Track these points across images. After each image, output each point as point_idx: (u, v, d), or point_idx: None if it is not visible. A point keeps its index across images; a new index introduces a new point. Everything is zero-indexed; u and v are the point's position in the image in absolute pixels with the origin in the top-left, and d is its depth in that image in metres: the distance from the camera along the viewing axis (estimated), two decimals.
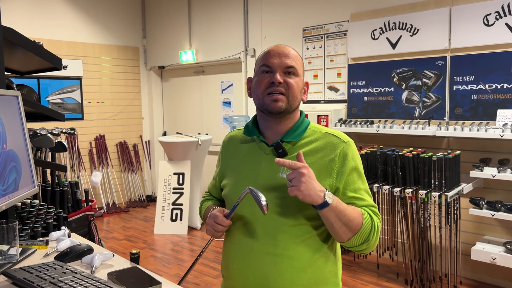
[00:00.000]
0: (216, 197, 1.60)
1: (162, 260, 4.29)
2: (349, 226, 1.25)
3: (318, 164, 1.31)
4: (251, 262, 1.33)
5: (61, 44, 5.77)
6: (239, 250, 1.37)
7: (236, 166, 1.45)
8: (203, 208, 1.59)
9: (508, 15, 3.31)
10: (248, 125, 1.45)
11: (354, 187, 1.32)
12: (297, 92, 1.34)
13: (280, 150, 1.34)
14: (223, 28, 5.65)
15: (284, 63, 1.32)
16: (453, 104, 3.65)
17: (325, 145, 1.34)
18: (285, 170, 1.32)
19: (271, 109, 1.32)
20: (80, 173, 5.95)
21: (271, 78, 1.32)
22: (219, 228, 1.34)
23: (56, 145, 2.44)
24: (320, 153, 1.33)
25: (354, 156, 1.35)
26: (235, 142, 1.50)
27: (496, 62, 3.40)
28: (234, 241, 1.40)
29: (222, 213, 1.35)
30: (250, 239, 1.34)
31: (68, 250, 1.47)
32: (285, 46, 1.37)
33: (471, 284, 3.57)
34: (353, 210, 1.27)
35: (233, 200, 1.38)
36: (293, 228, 1.30)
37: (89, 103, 6.12)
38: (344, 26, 4.40)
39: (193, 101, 6.42)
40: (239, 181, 1.40)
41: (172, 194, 5.13)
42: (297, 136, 1.36)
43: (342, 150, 1.32)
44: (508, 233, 3.44)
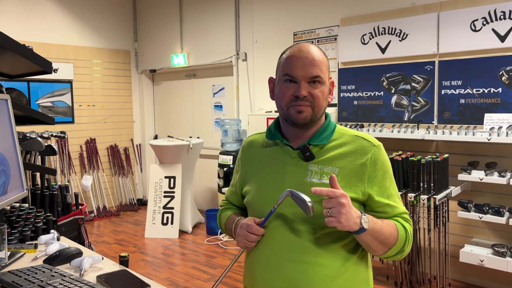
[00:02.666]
0: (236, 205, 1.53)
1: (153, 264, 4.28)
2: (385, 244, 1.22)
3: (349, 168, 1.26)
4: (278, 271, 1.26)
5: (51, 47, 5.75)
6: (265, 259, 1.29)
7: (259, 171, 1.37)
8: (223, 217, 1.51)
9: (495, 21, 3.37)
10: (270, 129, 1.38)
11: (387, 193, 1.28)
12: (323, 101, 1.28)
13: (308, 153, 1.27)
14: (214, 32, 5.67)
15: (309, 74, 1.24)
16: (441, 108, 3.69)
17: (355, 148, 1.28)
18: (314, 174, 1.27)
19: (295, 121, 1.27)
20: (70, 176, 5.92)
21: (295, 91, 1.24)
22: (253, 238, 1.28)
23: (46, 148, 2.44)
24: (351, 157, 1.27)
25: (385, 161, 1.30)
26: (256, 147, 1.43)
27: (483, 67, 3.45)
28: (260, 249, 1.31)
29: (254, 222, 1.28)
30: (277, 246, 1.27)
31: (57, 253, 1.47)
32: (309, 49, 1.26)
33: (460, 286, 3.61)
34: (388, 227, 1.22)
35: (257, 207, 1.33)
36: (324, 235, 1.24)
37: (80, 106, 6.09)
38: (334, 31, 4.44)
39: (184, 104, 6.42)
40: (263, 187, 1.33)
41: (163, 197, 5.12)
42: (324, 138, 1.30)
43: (373, 154, 1.27)
44: (495, 235, 3.48)
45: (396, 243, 1.23)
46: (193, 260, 4.33)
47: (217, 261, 4.28)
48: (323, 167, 1.26)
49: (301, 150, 1.29)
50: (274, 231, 1.28)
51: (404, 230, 1.25)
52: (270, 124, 1.40)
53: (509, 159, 3.35)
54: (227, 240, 4.89)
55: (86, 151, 6.16)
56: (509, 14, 3.30)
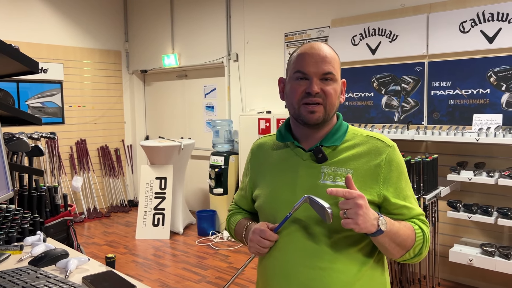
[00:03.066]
0: (245, 209, 1.49)
1: (144, 265, 4.26)
2: (403, 246, 1.19)
3: (363, 169, 1.22)
4: (294, 278, 1.22)
5: (41, 48, 5.70)
6: (280, 265, 1.25)
7: (270, 174, 1.33)
8: (232, 222, 1.47)
9: (483, 23, 3.40)
10: (280, 131, 1.35)
11: (403, 194, 1.24)
12: (335, 100, 1.24)
13: (320, 154, 1.24)
14: (205, 33, 5.66)
15: (321, 70, 1.20)
16: (431, 108, 3.72)
17: (370, 149, 1.25)
18: (327, 176, 1.23)
19: (307, 121, 1.23)
20: (60, 178, 5.87)
21: (307, 87, 1.21)
22: (266, 244, 1.24)
23: (33, 149, 2.41)
24: (365, 158, 1.24)
25: (400, 161, 1.27)
26: (266, 149, 1.39)
27: (472, 68, 3.48)
28: (273, 255, 1.27)
29: (267, 227, 1.25)
30: (292, 252, 1.23)
31: (43, 254, 1.46)
32: (320, 47, 1.23)
33: (449, 286, 3.63)
34: (405, 229, 1.19)
35: (269, 212, 1.30)
36: (340, 239, 1.21)
37: (70, 107, 6.05)
38: (325, 32, 4.45)
39: (176, 105, 6.40)
40: (275, 190, 1.30)
41: (154, 198, 5.10)
42: (337, 140, 1.26)
43: (388, 155, 1.24)
44: (484, 235, 3.51)
45: (413, 245, 1.20)
46: (184, 261, 4.32)
47: (208, 262, 4.27)
48: (336, 169, 1.23)
49: (313, 151, 1.25)
50: (288, 236, 1.24)
51: (422, 232, 1.23)
52: (280, 126, 1.36)
53: (497, 159, 3.39)
54: (218, 241, 4.89)
55: (77, 152, 6.12)
56: (497, 15, 3.33)
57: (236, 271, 4.01)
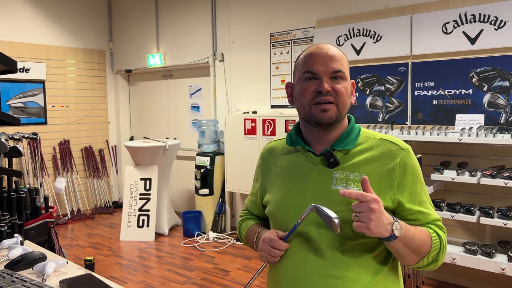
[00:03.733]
0: (256, 215, 1.46)
1: (128, 267, 4.21)
2: (418, 252, 1.15)
3: (377, 174, 1.18)
4: (307, 286, 1.19)
5: (23, 47, 5.61)
6: (292, 274, 1.21)
7: (280, 179, 1.30)
8: (243, 228, 1.44)
9: (466, 24, 3.44)
10: (290, 135, 1.32)
11: (419, 199, 1.20)
12: (347, 98, 1.20)
13: (332, 159, 1.20)
14: (191, 32, 5.63)
15: (330, 68, 1.18)
16: (414, 109, 3.75)
17: (383, 153, 1.21)
18: (339, 181, 1.19)
19: (320, 121, 1.19)
20: (43, 179, 5.78)
21: (317, 86, 1.17)
22: (276, 253, 1.21)
23: (11, 150, 2.36)
24: (378, 162, 1.20)
25: (415, 165, 1.22)
26: (276, 154, 1.36)
27: (455, 69, 3.52)
28: (285, 263, 1.23)
29: (277, 236, 1.21)
30: (305, 260, 1.19)
31: (20, 258, 1.43)
32: (328, 46, 1.22)
33: (433, 284, 3.66)
34: (421, 234, 1.15)
35: (280, 218, 1.27)
36: (353, 247, 1.17)
37: (53, 107, 5.96)
38: (310, 32, 4.46)
39: (161, 105, 6.35)
40: (286, 196, 1.26)
41: (138, 200, 5.05)
42: (349, 143, 1.22)
43: (402, 158, 1.20)
44: (467, 233, 3.55)
45: (429, 251, 1.16)
46: (169, 263, 4.28)
47: (193, 264, 4.24)
48: (349, 174, 1.19)
49: (325, 156, 1.21)
50: (300, 244, 1.21)
51: (439, 238, 1.19)
52: (290, 130, 1.33)
53: (480, 159, 3.43)
54: (204, 242, 4.86)
55: (60, 152, 6.03)
56: (479, 17, 3.37)
57: (221, 272, 4.00)
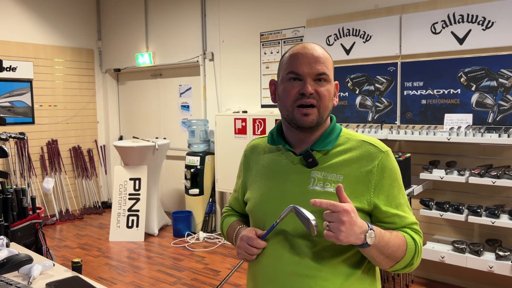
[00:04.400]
0: (239, 211, 1.48)
1: (117, 268, 4.18)
2: (392, 258, 1.16)
3: (354, 175, 1.19)
4: (282, 285, 1.21)
5: (9, 45, 5.53)
6: (268, 272, 1.24)
7: (261, 178, 1.31)
8: (225, 224, 1.46)
9: (454, 24, 3.47)
10: (272, 133, 1.32)
11: (396, 203, 1.20)
12: (329, 101, 1.21)
13: (310, 159, 1.20)
14: (180, 31, 5.60)
15: (315, 70, 1.17)
16: (404, 108, 3.77)
17: (362, 154, 1.21)
18: (317, 181, 1.20)
19: (301, 125, 1.20)
20: (30, 179, 5.71)
21: (301, 88, 1.17)
22: (253, 251, 1.22)
23: None
24: (357, 164, 1.20)
25: (394, 167, 1.22)
26: (258, 152, 1.37)
27: (443, 69, 3.54)
28: (262, 261, 1.26)
29: (255, 234, 1.23)
30: (280, 259, 1.21)
31: (5, 260, 1.40)
32: (314, 47, 1.21)
33: (422, 282, 3.69)
34: (396, 239, 1.15)
35: (258, 216, 1.28)
36: (328, 248, 1.18)
37: (41, 106, 5.88)
38: (300, 32, 4.46)
39: (150, 104, 6.31)
40: (265, 194, 1.28)
41: (128, 200, 5.01)
42: (329, 144, 1.23)
43: (381, 161, 1.19)
44: (455, 232, 3.58)
45: (404, 256, 1.17)
46: (159, 263, 4.26)
47: (183, 264, 4.22)
48: (326, 175, 1.20)
49: (304, 156, 1.22)
50: (277, 243, 1.23)
51: (414, 243, 1.19)
52: (272, 129, 1.33)
53: (468, 158, 3.46)
54: (194, 242, 4.84)
55: (48, 152, 5.96)
56: (467, 17, 3.40)
57: (212, 272, 3.98)
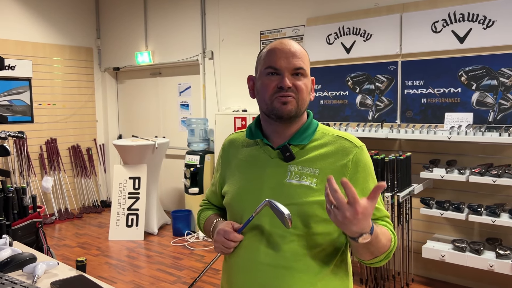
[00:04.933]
0: (216, 205, 1.49)
1: (117, 267, 4.17)
2: (374, 254, 1.18)
3: (330, 169, 1.22)
4: (257, 276, 1.23)
5: (8, 44, 5.51)
6: (244, 263, 1.27)
7: (239, 171, 1.33)
8: (202, 218, 1.47)
9: (454, 23, 3.47)
10: (250, 127, 1.35)
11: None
12: (306, 95, 1.24)
13: (287, 153, 1.23)
14: (180, 30, 5.59)
15: (292, 65, 1.20)
16: (404, 107, 3.77)
17: (337, 149, 1.25)
18: (293, 175, 1.23)
19: (281, 114, 1.22)
20: (29, 178, 5.69)
21: (279, 82, 1.20)
22: (230, 245, 1.24)
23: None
24: (332, 158, 1.23)
25: (368, 162, 1.27)
26: (237, 146, 1.39)
27: (444, 68, 3.55)
28: (238, 253, 1.28)
29: (231, 228, 1.25)
30: (256, 251, 1.24)
31: (9, 259, 1.39)
32: (291, 43, 1.24)
33: (423, 281, 3.70)
34: (384, 241, 1.17)
35: (236, 209, 1.31)
36: (302, 239, 1.21)
37: (40, 105, 5.86)
38: (300, 31, 4.46)
39: (149, 103, 6.30)
40: (242, 188, 1.30)
41: (127, 199, 5.00)
42: (305, 138, 1.26)
43: (355, 155, 1.24)
44: (456, 231, 3.59)
45: (384, 253, 1.20)
46: (159, 262, 4.25)
47: (183, 263, 4.22)
48: (303, 168, 1.23)
49: (281, 150, 1.25)
50: (253, 236, 1.25)
51: (393, 236, 1.23)
52: (251, 123, 1.36)
53: (468, 157, 3.46)
54: (194, 241, 4.83)
55: (47, 151, 5.94)
56: (467, 16, 3.40)
57: (212, 271, 3.98)
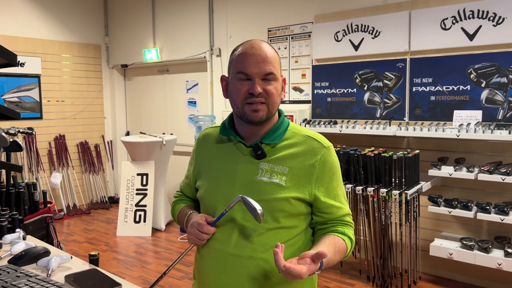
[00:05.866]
0: (190, 197, 1.54)
1: (125, 262, 4.20)
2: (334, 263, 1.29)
3: (299, 168, 1.29)
4: (227, 265, 1.30)
5: (18, 41, 5.55)
6: (215, 253, 1.33)
7: (212, 166, 1.39)
8: (176, 209, 1.52)
9: (464, 20, 3.45)
10: (224, 124, 1.39)
11: (334, 194, 1.33)
12: (277, 98, 1.29)
13: (259, 151, 1.29)
14: (188, 27, 5.60)
15: (262, 70, 1.25)
16: (412, 105, 3.76)
17: (306, 149, 1.31)
18: (264, 172, 1.29)
19: (251, 120, 1.28)
20: (38, 174, 5.74)
21: (250, 88, 1.25)
22: (204, 237, 1.30)
23: (11, 144, 2.34)
24: (301, 157, 1.30)
25: (334, 162, 1.34)
26: (211, 141, 1.43)
27: (453, 65, 3.53)
28: (210, 244, 1.35)
29: (205, 221, 1.30)
30: (227, 242, 1.30)
31: (23, 253, 1.41)
32: (261, 46, 1.28)
33: (430, 279, 3.69)
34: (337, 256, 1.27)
35: (208, 203, 1.35)
36: (271, 232, 1.28)
37: (48, 102, 5.91)
38: (308, 28, 4.45)
39: (157, 100, 6.32)
40: (215, 182, 1.35)
41: (135, 195, 5.03)
42: (276, 138, 1.32)
43: (323, 156, 1.31)
44: (464, 229, 3.58)
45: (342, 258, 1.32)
46: (166, 258, 4.28)
47: (190, 259, 4.24)
48: (273, 166, 1.29)
49: (253, 148, 1.30)
50: (225, 229, 1.31)
51: (351, 242, 1.33)
52: (224, 120, 1.40)
53: (477, 155, 3.45)
54: None
55: (55, 147, 5.99)
56: (477, 13, 3.38)
57: None
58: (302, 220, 1.32)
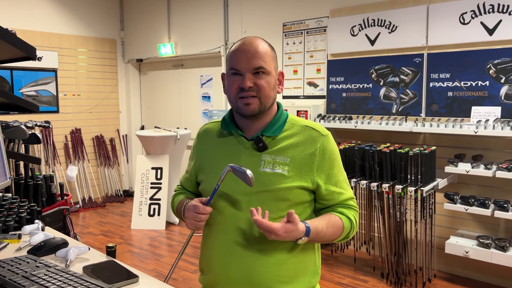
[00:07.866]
0: (190, 190, 1.57)
1: (139, 255, 4.25)
2: (329, 240, 1.35)
3: (299, 157, 1.32)
4: (233, 257, 1.33)
5: (35, 35, 5.62)
6: (221, 245, 1.36)
7: (214, 160, 1.41)
8: (175, 202, 1.54)
9: (483, 14, 3.38)
10: (225, 119, 1.42)
11: (335, 180, 1.36)
12: (269, 91, 1.32)
13: (261, 144, 1.33)
14: (202, 22, 5.60)
15: (252, 65, 1.29)
16: (429, 100, 3.71)
17: (305, 138, 1.35)
18: (267, 164, 1.32)
19: (244, 113, 1.32)
20: (55, 167, 5.82)
21: (240, 82, 1.30)
22: (201, 218, 1.31)
23: (30, 137, 2.38)
24: (301, 147, 1.34)
25: (334, 149, 1.38)
26: (211, 135, 1.46)
27: (471, 60, 3.47)
28: (215, 235, 1.38)
29: (199, 202, 1.32)
30: (232, 233, 1.33)
31: (42, 243, 1.43)
32: (252, 42, 1.32)
33: (445, 277, 3.65)
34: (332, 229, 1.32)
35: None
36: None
37: (65, 95, 5.98)
38: (323, 22, 4.42)
39: (171, 95, 6.35)
40: (218, 176, 1.35)
41: (150, 189, 5.07)
42: (276, 130, 1.36)
43: (322, 144, 1.34)
44: (480, 227, 3.53)
45: (340, 235, 1.35)
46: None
47: None
48: (275, 157, 1.33)
49: (254, 141, 1.34)
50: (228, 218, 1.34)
51: (349, 221, 1.36)
52: (225, 114, 1.43)
53: (495, 152, 3.39)
54: None
55: (71, 141, 6.06)
56: (497, 7, 3.31)
57: None
58: (306, 207, 1.36)
